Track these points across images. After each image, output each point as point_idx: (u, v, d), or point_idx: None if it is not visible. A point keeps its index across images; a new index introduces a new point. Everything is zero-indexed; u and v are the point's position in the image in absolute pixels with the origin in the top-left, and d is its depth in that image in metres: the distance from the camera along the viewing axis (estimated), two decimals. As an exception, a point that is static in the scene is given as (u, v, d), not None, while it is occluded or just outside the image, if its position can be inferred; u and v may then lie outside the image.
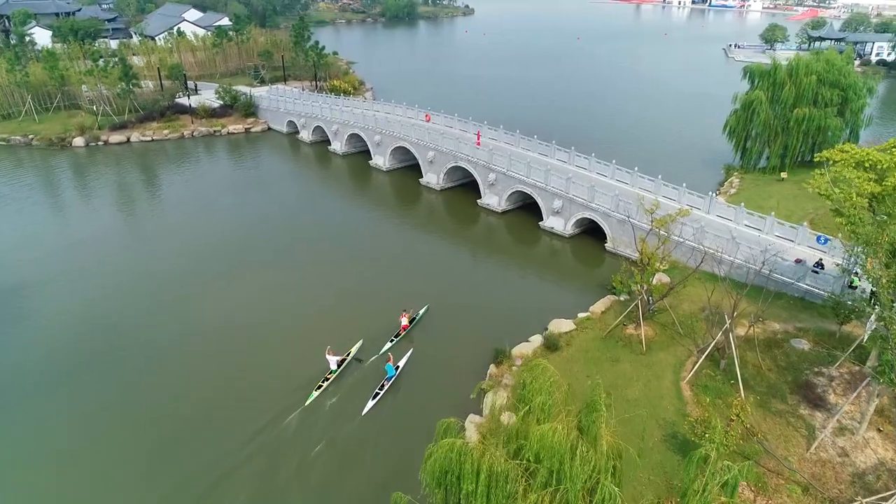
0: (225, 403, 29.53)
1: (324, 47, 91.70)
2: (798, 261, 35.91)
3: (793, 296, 35.62)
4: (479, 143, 54.02)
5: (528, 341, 33.35)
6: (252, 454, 26.52)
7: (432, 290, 39.80)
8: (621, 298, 37.04)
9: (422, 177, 58.45)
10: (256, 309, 37.40)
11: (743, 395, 27.07)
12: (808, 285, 35.18)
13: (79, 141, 71.10)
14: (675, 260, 40.63)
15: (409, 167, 61.63)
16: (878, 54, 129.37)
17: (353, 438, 27.54)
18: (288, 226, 50.23)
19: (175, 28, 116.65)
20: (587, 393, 28.00)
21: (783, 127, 55.31)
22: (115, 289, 39.82)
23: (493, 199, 51.99)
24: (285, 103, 75.45)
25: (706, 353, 28.89)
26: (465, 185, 56.67)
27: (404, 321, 35.00)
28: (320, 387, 30.15)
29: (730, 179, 57.64)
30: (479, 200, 53.03)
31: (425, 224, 51.52)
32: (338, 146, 68.05)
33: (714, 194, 44.11)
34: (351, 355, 32.59)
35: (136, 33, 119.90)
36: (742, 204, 43.20)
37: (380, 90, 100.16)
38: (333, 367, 31.15)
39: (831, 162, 30.69)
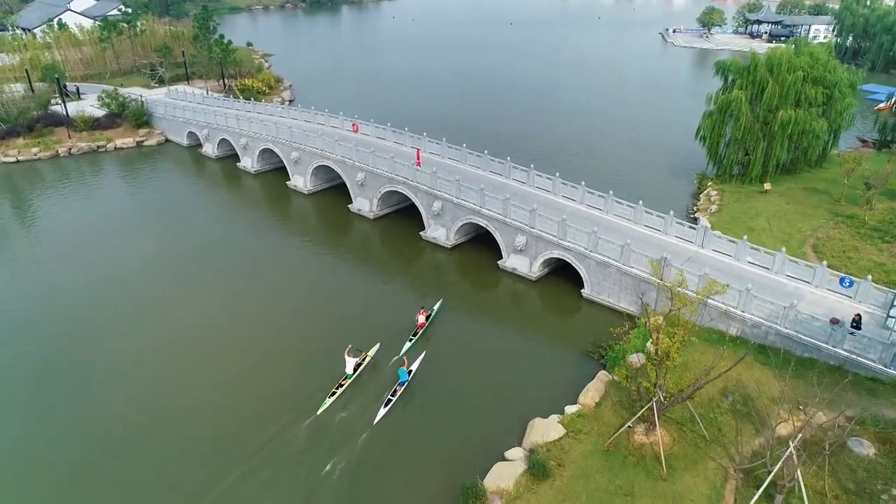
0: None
1: (230, 42, 79.16)
2: (834, 321, 28.50)
3: (826, 363, 28.26)
4: (419, 164, 44.53)
5: (504, 459, 24.51)
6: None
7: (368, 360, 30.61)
8: (615, 378, 28.68)
9: (351, 201, 48.49)
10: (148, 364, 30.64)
11: (820, 556, 19.24)
12: (848, 352, 27.83)
13: (-81, 166, 57.15)
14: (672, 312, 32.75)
15: (335, 187, 51.59)
16: (814, 37, 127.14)
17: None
18: (184, 270, 39.43)
19: (56, 19, 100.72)
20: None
21: (764, 131, 48.47)
22: None
23: (440, 232, 42.76)
24: (184, 110, 63.35)
25: (762, 488, 20.79)
26: (404, 211, 47.20)
27: (421, 318, 33.07)
28: (334, 393, 28.21)
29: (706, 192, 50.52)
30: (422, 233, 43.67)
31: (358, 264, 41.70)
32: (248, 163, 56.98)
33: (708, 226, 36.50)
34: (368, 359, 30.52)
35: (10, 26, 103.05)
36: (745, 237, 35.58)
37: (300, 88, 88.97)
38: (349, 370, 29.19)
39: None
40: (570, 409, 26.71)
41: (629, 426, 24.79)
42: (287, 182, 53.41)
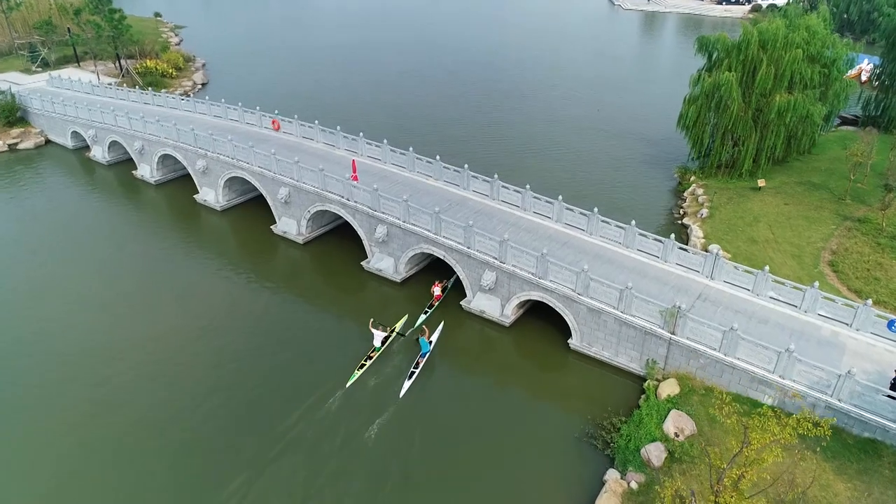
0: None
1: (122, 16, 66.41)
2: (906, 395, 22.17)
3: (892, 446, 22.10)
4: (355, 177, 35.85)
5: None
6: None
7: (299, 433, 23.02)
8: (631, 485, 21.64)
9: (275, 222, 39.52)
10: None
11: None
12: (925, 434, 21.64)
13: None
14: (687, 374, 26.06)
15: (254, 201, 42.30)
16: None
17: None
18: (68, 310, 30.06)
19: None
20: None
21: (756, 119, 42.00)
22: None
23: (387, 263, 34.57)
24: (65, 105, 51.93)
25: None
26: (341, 232, 38.64)
27: (437, 291, 31.86)
28: (363, 366, 27.74)
29: (690, 189, 43.98)
30: (364, 263, 35.37)
31: (288, 302, 33.10)
32: (147, 171, 46.76)
33: (719, 252, 29.63)
34: (395, 331, 29.79)
35: None
36: (767, 268, 28.57)
37: (216, 67, 77.71)
38: (377, 343, 28.52)
39: None
40: (580, 548, 19.55)
41: (667, 583, 17.82)
42: (195, 195, 43.68)
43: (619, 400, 26.48)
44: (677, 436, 22.71)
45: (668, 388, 25.45)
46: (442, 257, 32.09)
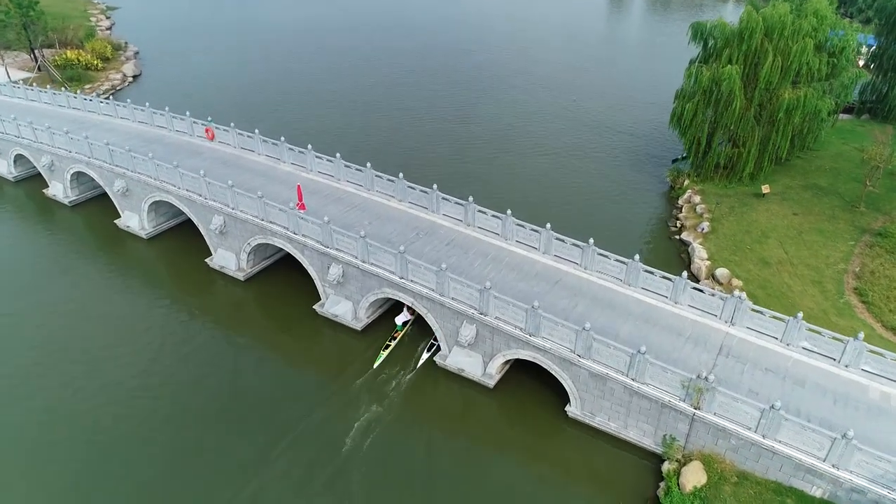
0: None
1: (36, 1, 57.71)
2: None
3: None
4: (302, 205, 29.94)
5: None
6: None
7: None
8: None
9: (211, 254, 33.40)
10: None
11: None
12: None
13: None
14: (714, 455, 21.36)
15: (186, 225, 35.86)
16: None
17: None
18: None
19: None
20: None
21: (759, 117, 37.32)
22: None
23: (344, 307, 28.95)
24: (-39, 111, 44.24)
25: None
26: (288, 264, 32.67)
27: None
28: (388, 346, 27.05)
29: (685, 195, 39.31)
30: (318, 307, 29.70)
31: (227, 358, 27.31)
32: (60, 190, 39.85)
33: (742, 297, 24.76)
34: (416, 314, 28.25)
35: None
36: (800, 315, 23.73)
37: (150, 55, 69.92)
38: (399, 323, 27.70)
39: None
40: None
41: None
42: (117, 220, 37.11)
43: (630, 485, 21.85)
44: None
45: (693, 476, 20.75)
46: (410, 305, 26.68)
